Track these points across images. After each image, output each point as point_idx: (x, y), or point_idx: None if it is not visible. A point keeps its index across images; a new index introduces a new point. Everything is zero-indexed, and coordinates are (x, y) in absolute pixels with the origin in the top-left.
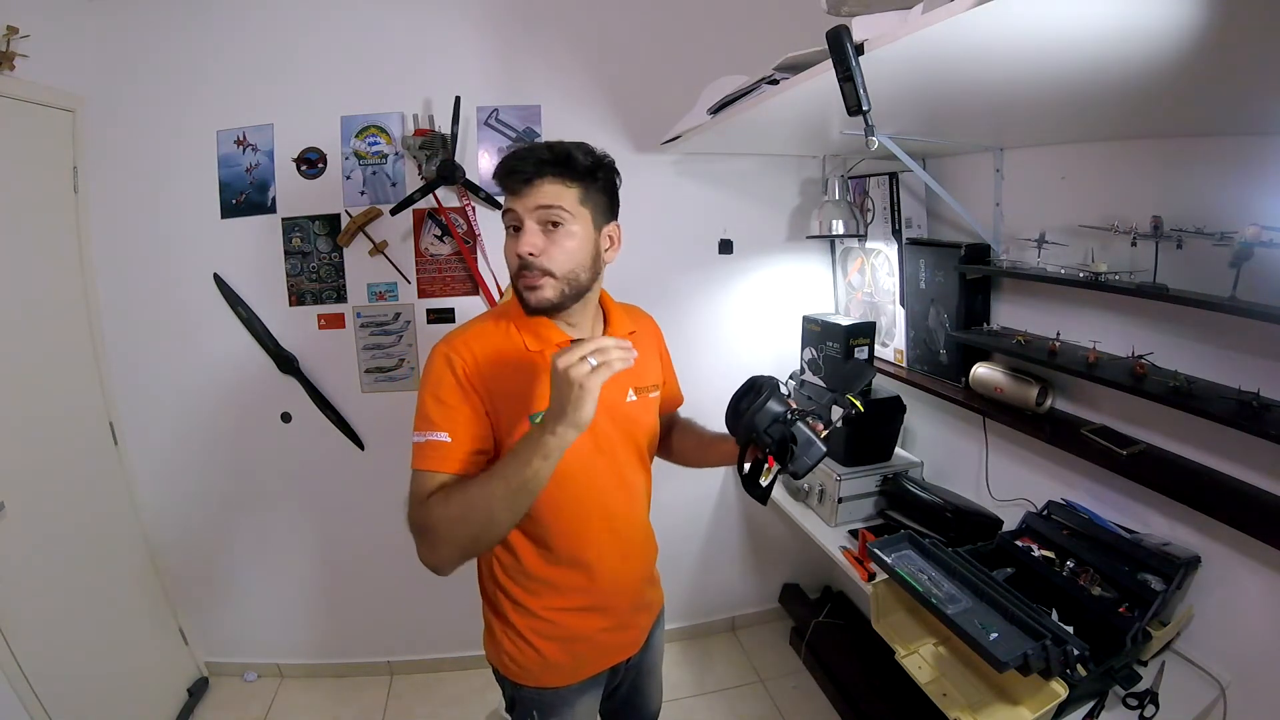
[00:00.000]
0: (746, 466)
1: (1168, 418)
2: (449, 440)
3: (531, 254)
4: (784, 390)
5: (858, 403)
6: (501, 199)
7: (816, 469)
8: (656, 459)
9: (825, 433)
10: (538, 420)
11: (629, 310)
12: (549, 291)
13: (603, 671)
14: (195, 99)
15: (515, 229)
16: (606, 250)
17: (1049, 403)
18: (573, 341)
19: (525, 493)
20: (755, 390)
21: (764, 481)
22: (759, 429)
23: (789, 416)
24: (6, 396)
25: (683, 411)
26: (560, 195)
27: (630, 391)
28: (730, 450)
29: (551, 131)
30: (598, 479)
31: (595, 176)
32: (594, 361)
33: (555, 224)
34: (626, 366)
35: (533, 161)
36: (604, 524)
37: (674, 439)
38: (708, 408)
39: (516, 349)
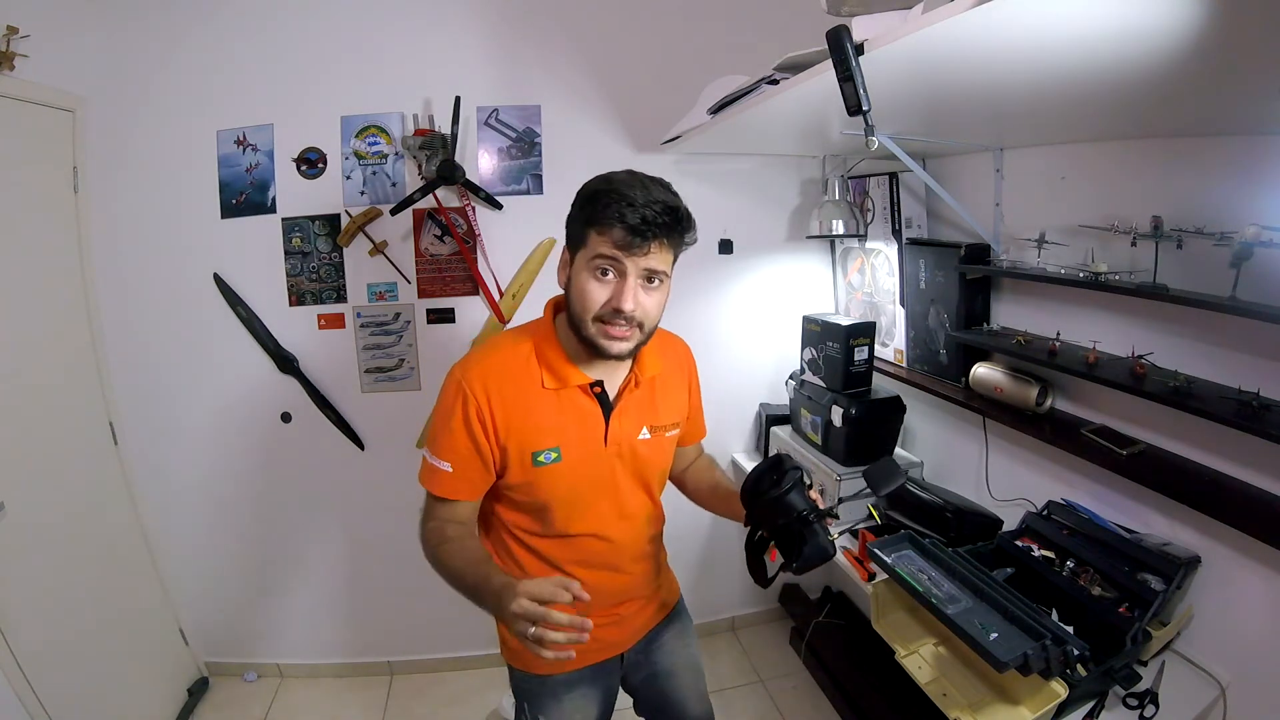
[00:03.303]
0: (753, 541)
1: (1168, 418)
2: (450, 470)
3: (633, 310)
4: (807, 480)
5: (876, 515)
6: (499, 200)
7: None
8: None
9: (835, 536)
10: (540, 459)
11: (662, 345)
12: (631, 344)
13: (594, 666)
14: (195, 99)
15: (604, 272)
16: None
17: (1049, 403)
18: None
19: (482, 604)
20: (779, 473)
21: (769, 572)
22: (773, 520)
23: (809, 516)
24: (6, 396)
25: None
26: (665, 258)
27: (645, 429)
28: (741, 513)
29: (551, 131)
30: (599, 508)
31: (686, 240)
32: (532, 632)
33: (651, 280)
34: (564, 644)
35: (658, 225)
36: (598, 546)
37: (689, 475)
38: (707, 409)
39: (534, 382)
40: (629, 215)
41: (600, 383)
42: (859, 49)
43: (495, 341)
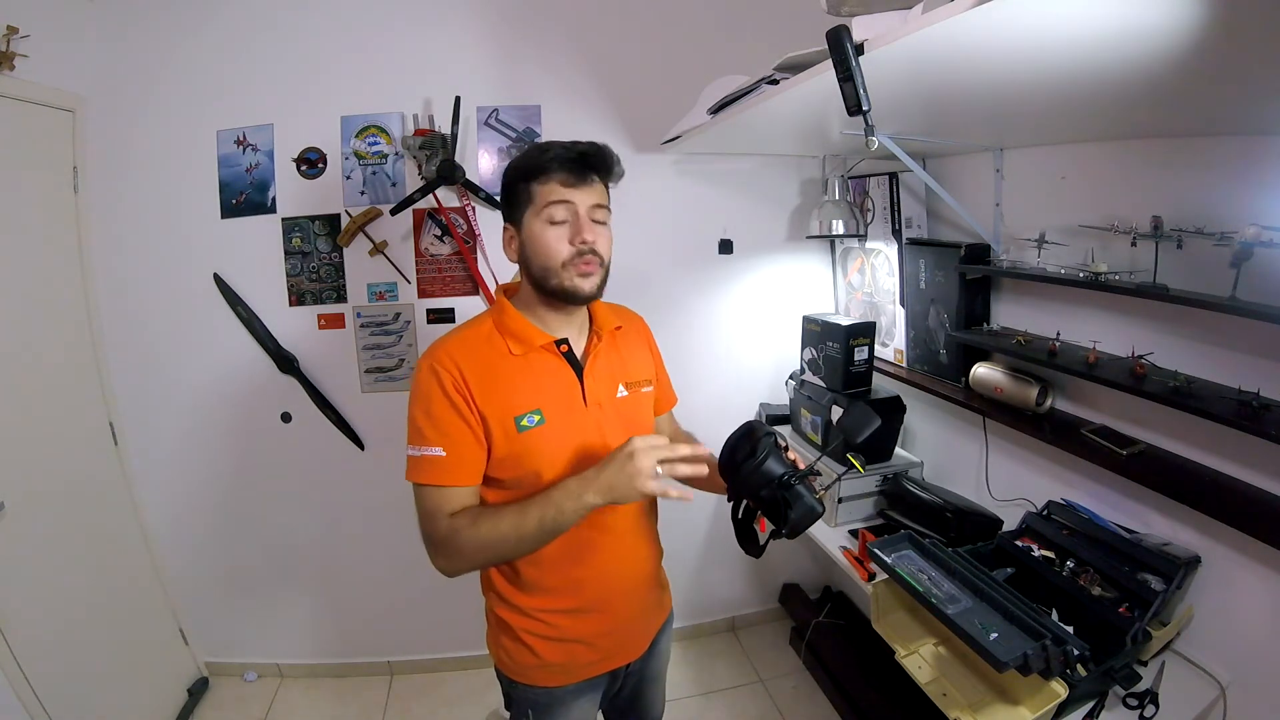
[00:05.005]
0: (739, 512)
1: (1168, 418)
2: (444, 455)
3: (593, 240)
4: (782, 443)
5: (858, 464)
6: (508, 193)
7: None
8: None
9: (822, 493)
10: (524, 423)
11: (615, 309)
12: (598, 278)
13: (602, 675)
14: (195, 99)
15: (553, 222)
16: None
17: (1049, 403)
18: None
19: (556, 532)
20: (752, 442)
21: (760, 541)
22: (755, 491)
23: (789, 480)
24: (6, 396)
25: (680, 414)
26: (604, 195)
27: (620, 387)
28: (722, 486)
29: (551, 131)
30: None
31: (616, 172)
32: (660, 471)
33: (598, 221)
34: (696, 475)
35: (592, 155)
36: (595, 527)
37: None
38: (708, 409)
39: (500, 354)
40: (564, 154)
41: (565, 340)
42: (859, 49)
43: (454, 328)
